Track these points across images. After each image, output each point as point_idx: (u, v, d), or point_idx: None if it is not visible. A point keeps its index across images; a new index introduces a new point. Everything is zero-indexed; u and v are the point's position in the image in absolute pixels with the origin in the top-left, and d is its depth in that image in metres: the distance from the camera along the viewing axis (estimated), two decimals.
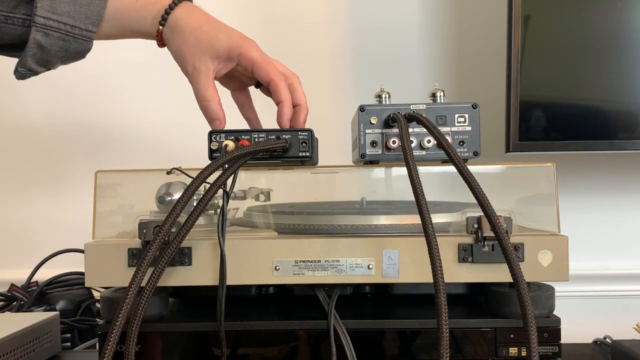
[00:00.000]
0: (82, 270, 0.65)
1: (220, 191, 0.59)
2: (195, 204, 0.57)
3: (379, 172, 0.73)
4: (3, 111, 1.19)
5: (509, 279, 0.54)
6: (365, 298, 0.71)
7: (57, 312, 0.83)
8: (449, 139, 0.66)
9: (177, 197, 0.64)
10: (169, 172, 0.63)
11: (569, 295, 1.07)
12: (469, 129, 0.67)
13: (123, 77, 1.17)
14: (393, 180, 0.73)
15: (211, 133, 0.66)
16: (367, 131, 0.67)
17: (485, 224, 0.59)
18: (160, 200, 0.66)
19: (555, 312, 0.63)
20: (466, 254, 0.61)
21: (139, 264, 0.53)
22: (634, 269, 1.11)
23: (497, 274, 0.61)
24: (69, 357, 0.81)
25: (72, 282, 1.00)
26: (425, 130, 0.62)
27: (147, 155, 1.17)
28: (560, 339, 0.61)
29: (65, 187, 1.18)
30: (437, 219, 0.64)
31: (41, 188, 1.19)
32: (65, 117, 1.18)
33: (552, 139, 0.92)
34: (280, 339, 0.63)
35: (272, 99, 0.69)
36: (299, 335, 0.62)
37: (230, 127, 0.67)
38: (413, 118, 0.63)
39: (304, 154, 0.65)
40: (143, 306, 0.54)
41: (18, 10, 0.63)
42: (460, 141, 0.67)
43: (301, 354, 0.62)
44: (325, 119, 1.13)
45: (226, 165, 0.59)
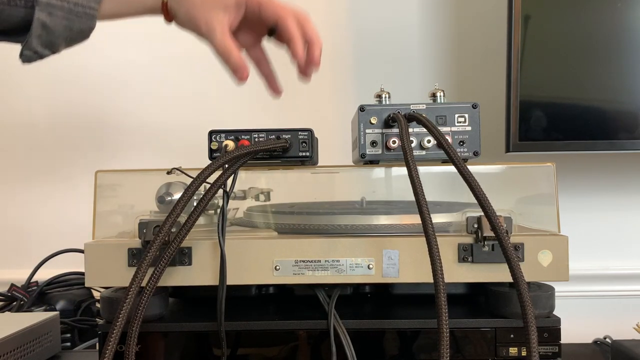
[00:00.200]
0: (82, 270, 0.65)
1: (220, 191, 0.59)
2: (195, 204, 0.57)
3: (379, 172, 0.73)
4: (3, 111, 1.19)
5: (509, 279, 0.54)
6: (365, 298, 0.71)
7: (57, 312, 0.83)
8: (449, 139, 0.66)
9: (177, 197, 0.64)
10: (169, 172, 0.63)
11: (569, 295, 1.07)
12: (469, 129, 0.67)
13: (123, 78, 1.17)
14: (393, 180, 0.73)
15: (211, 133, 0.66)
16: (367, 131, 0.67)
17: (485, 224, 0.59)
18: (160, 200, 0.66)
19: (555, 312, 0.63)
20: (466, 254, 0.61)
21: (139, 264, 0.53)
22: (634, 269, 1.11)
23: (497, 274, 0.61)
24: (69, 357, 0.81)
25: (72, 282, 1.00)
26: (425, 130, 0.62)
27: (147, 155, 1.17)
28: (560, 339, 0.61)
29: (65, 187, 1.18)
30: (437, 219, 0.64)
31: (41, 188, 1.19)
32: (65, 117, 1.18)
33: (552, 139, 0.91)
34: (280, 339, 0.63)
35: (284, 41, 0.67)
36: (299, 335, 0.62)
37: (230, 126, 0.67)
38: (413, 118, 0.63)
39: (304, 153, 0.65)
40: (143, 306, 0.54)
41: None
42: (460, 141, 0.67)
43: (301, 354, 0.62)
44: (325, 119, 1.13)
45: (226, 165, 0.59)
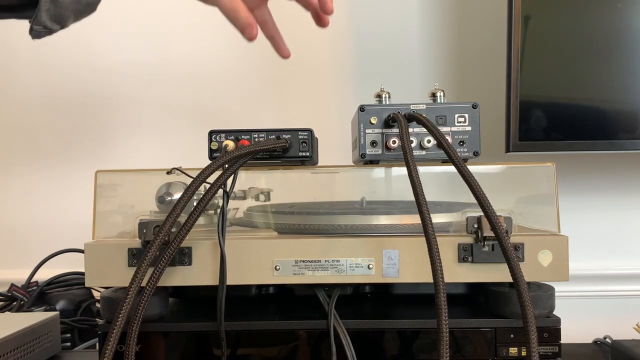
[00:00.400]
0: (82, 270, 0.65)
1: (220, 191, 0.59)
2: (195, 204, 0.57)
3: (379, 172, 0.73)
4: (3, 110, 1.19)
5: (509, 279, 0.54)
6: (365, 298, 0.71)
7: (57, 312, 0.83)
8: (449, 139, 0.66)
9: (177, 197, 0.64)
10: (169, 172, 0.63)
11: (569, 295, 1.07)
12: (469, 129, 0.67)
13: (123, 77, 1.17)
14: (393, 180, 0.73)
15: (211, 133, 0.66)
16: (367, 131, 0.67)
17: (485, 224, 0.59)
18: (160, 200, 0.66)
19: (555, 312, 0.63)
20: (466, 254, 0.61)
21: (139, 264, 0.53)
22: (634, 269, 1.11)
23: (497, 274, 0.61)
24: (69, 357, 0.81)
25: (72, 282, 1.00)
26: (425, 130, 0.62)
27: (147, 155, 1.17)
28: (560, 339, 0.61)
29: (65, 187, 1.18)
30: (437, 219, 0.64)
31: (41, 188, 1.19)
32: (65, 117, 1.18)
33: (552, 139, 0.91)
34: (280, 339, 0.63)
35: None
36: (299, 335, 0.62)
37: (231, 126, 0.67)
38: (413, 118, 0.63)
39: (304, 153, 0.65)
40: (143, 306, 0.54)
41: None
42: (460, 141, 0.67)
43: (301, 354, 0.62)
44: (325, 119, 1.13)
45: (226, 165, 0.59)
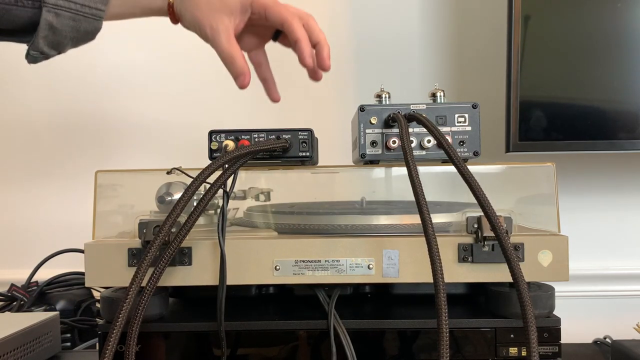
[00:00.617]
0: (82, 270, 0.65)
1: (220, 191, 0.59)
2: (195, 204, 0.57)
3: (379, 172, 0.73)
4: (3, 110, 1.19)
5: (509, 279, 0.54)
6: (365, 298, 0.71)
7: (57, 312, 0.83)
8: (449, 139, 0.66)
9: (177, 197, 0.64)
10: (169, 172, 0.63)
11: (569, 295, 1.07)
12: (469, 129, 0.67)
13: (123, 77, 1.17)
14: (393, 180, 0.73)
15: (211, 133, 0.66)
16: (367, 131, 0.67)
17: (485, 224, 0.59)
18: (160, 200, 0.66)
19: (555, 312, 0.63)
20: (466, 254, 0.61)
21: (139, 264, 0.53)
22: (634, 269, 1.11)
23: (497, 274, 0.61)
24: (69, 357, 0.81)
25: (72, 282, 1.00)
26: (425, 130, 0.62)
27: (147, 155, 1.17)
28: (560, 339, 0.61)
29: (65, 187, 1.18)
30: (437, 219, 0.64)
31: (41, 188, 1.19)
32: (65, 117, 1.18)
33: (552, 139, 0.91)
34: (280, 339, 0.63)
35: (290, 45, 0.68)
36: (299, 335, 0.62)
37: (231, 126, 0.67)
38: (413, 118, 0.63)
39: (304, 153, 0.65)
40: (143, 306, 0.54)
41: None
42: (460, 141, 0.67)
43: (301, 354, 0.62)
44: (325, 119, 1.13)
45: (226, 165, 0.59)
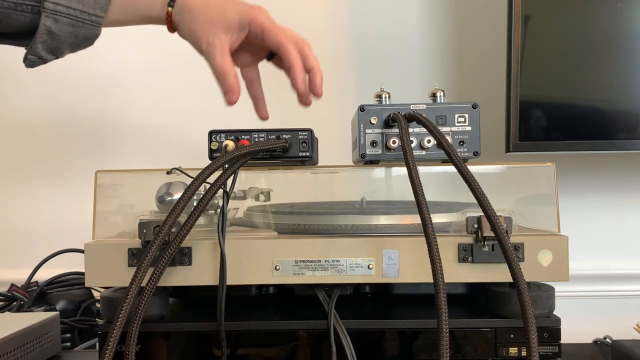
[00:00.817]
0: (82, 270, 0.65)
1: (220, 191, 0.59)
2: (195, 204, 0.57)
3: (379, 172, 0.73)
4: (3, 110, 1.19)
5: (509, 279, 0.54)
6: (365, 298, 0.71)
7: (57, 312, 0.83)
8: (449, 139, 0.66)
9: (177, 197, 0.64)
10: (169, 172, 0.63)
11: (569, 295, 1.07)
12: (469, 129, 0.67)
13: (123, 77, 1.17)
14: (393, 180, 0.73)
15: (211, 133, 0.66)
16: (367, 131, 0.67)
17: (485, 224, 0.59)
18: (160, 200, 0.66)
19: (555, 312, 0.63)
20: (466, 254, 0.61)
21: (139, 264, 0.53)
22: (634, 269, 1.11)
23: (497, 274, 0.61)
24: (69, 357, 0.81)
25: (72, 282, 1.00)
26: (425, 130, 0.62)
27: (147, 155, 1.17)
28: (560, 339, 0.61)
29: (65, 187, 1.18)
30: (437, 219, 0.64)
31: (41, 188, 1.19)
32: (65, 117, 1.18)
33: (552, 139, 0.91)
34: (280, 339, 0.63)
35: (284, 68, 0.68)
36: (299, 335, 0.62)
37: (230, 126, 0.67)
38: (413, 118, 0.63)
39: (304, 153, 0.65)
40: (143, 306, 0.54)
41: None
42: (460, 141, 0.67)
43: (301, 354, 0.62)
44: (325, 119, 1.13)
45: (226, 165, 0.59)
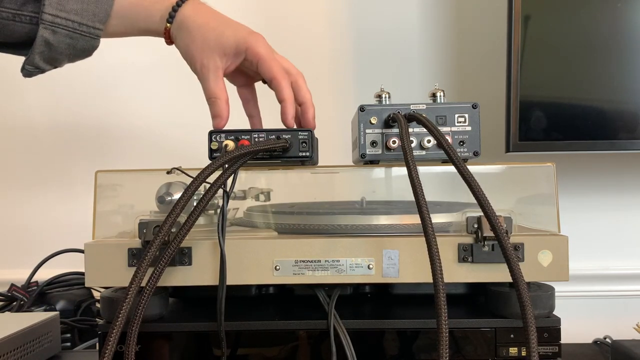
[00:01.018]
0: (82, 270, 0.65)
1: (220, 191, 0.59)
2: (195, 204, 0.57)
3: (379, 172, 0.73)
4: (3, 110, 1.19)
5: (509, 279, 0.54)
6: (365, 298, 0.71)
7: (57, 312, 0.83)
8: (449, 139, 0.66)
9: (177, 197, 0.64)
10: (169, 172, 0.63)
11: (569, 295, 1.07)
12: (469, 129, 0.67)
13: (123, 77, 1.17)
14: (393, 180, 0.73)
15: (211, 133, 0.65)
16: (367, 131, 0.67)
17: (485, 224, 0.59)
18: (160, 200, 0.66)
19: (555, 312, 0.63)
20: (466, 254, 0.61)
21: (139, 264, 0.53)
22: (634, 269, 1.11)
23: (497, 274, 0.61)
24: (69, 357, 0.81)
25: (72, 282, 1.00)
26: (425, 130, 0.62)
27: (147, 155, 1.17)
28: (560, 339, 0.61)
29: (65, 187, 1.18)
30: (437, 219, 0.64)
31: (41, 188, 1.19)
32: (65, 117, 1.18)
33: (552, 139, 0.91)
34: (280, 339, 0.63)
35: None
36: (299, 335, 0.62)
37: (231, 126, 0.67)
38: (413, 118, 0.63)
39: (304, 154, 0.65)
40: (143, 306, 0.54)
41: (26, 8, 0.63)
42: (460, 141, 0.67)
43: (301, 354, 0.62)
44: (325, 119, 1.13)
45: (226, 165, 0.59)
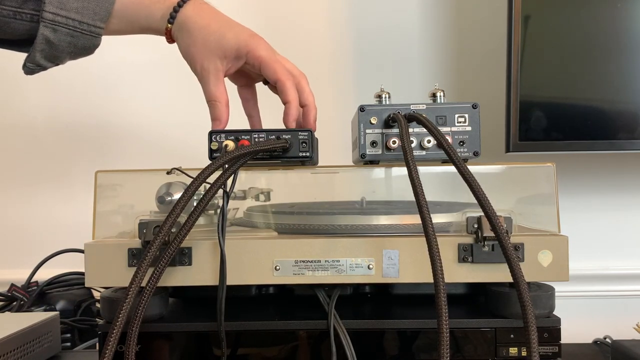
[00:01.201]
0: (82, 270, 0.65)
1: (220, 191, 0.59)
2: (195, 204, 0.57)
3: (379, 172, 0.73)
4: (3, 110, 1.19)
5: (509, 279, 0.54)
6: (365, 298, 0.71)
7: (57, 312, 0.83)
8: (449, 139, 0.66)
9: (177, 197, 0.64)
10: (169, 172, 0.63)
11: (569, 295, 1.07)
12: (469, 129, 0.67)
13: (124, 77, 1.17)
14: (393, 180, 0.73)
15: (211, 133, 0.65)
16: (367, 131, 0.67)
17: (485, 224, 0.59)
18: (160, 200, 0.66)
19: (555, 312, 0.63)
20: (466, 254, 0.61)
21: (139, 264, 0.53)
22: (634, 269, 1.11)
23: (497, 274, 0.61)
24: (69, 357, 0.81)
25: (72, 282, 1.00)
26: (425, 130, 0.62)
27: (147, 155, 1.17)
28: (560, 339, 0.61)
29: (65, 187, 1.18)
30: (437, 219, 0.64)
31: (41, 188, 1.19)
32: (65, 117, 1.18)
33: (552, 139, 0.92)
34: (280, 339, 0.63)
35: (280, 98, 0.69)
36: (299, 335, 0.62)
37: (231, 126, 0.67)
38: (413, 118, 0.63)
39: (304, 154, 0.65)
40: (143, 306, 0.54)
41: (26, 6, 0.63)
42: (460, 141, 0.67)
43: (301, 354, 0.62)
44: (325, 119, 1.13)
45: (226, 165, 0.59)
